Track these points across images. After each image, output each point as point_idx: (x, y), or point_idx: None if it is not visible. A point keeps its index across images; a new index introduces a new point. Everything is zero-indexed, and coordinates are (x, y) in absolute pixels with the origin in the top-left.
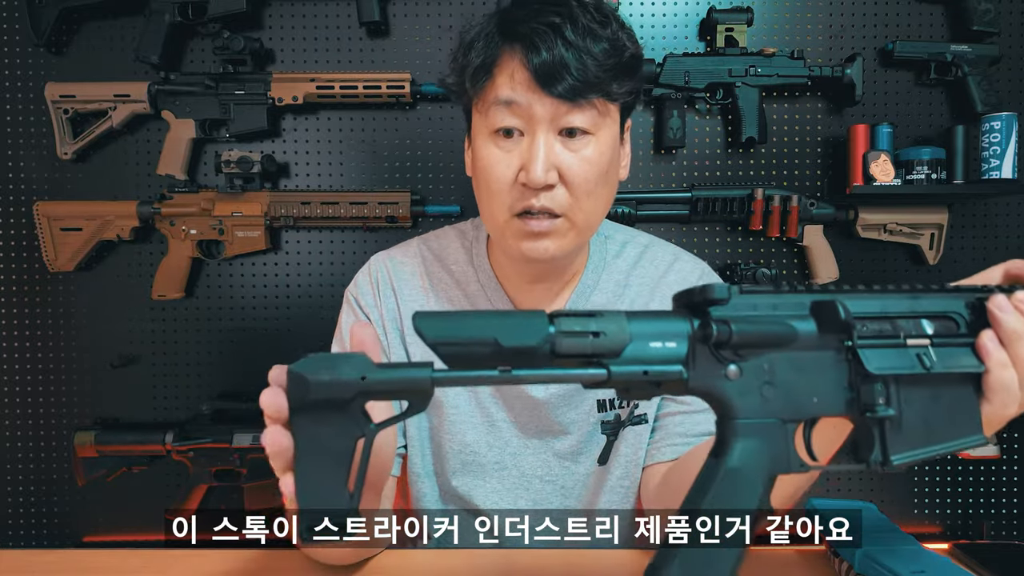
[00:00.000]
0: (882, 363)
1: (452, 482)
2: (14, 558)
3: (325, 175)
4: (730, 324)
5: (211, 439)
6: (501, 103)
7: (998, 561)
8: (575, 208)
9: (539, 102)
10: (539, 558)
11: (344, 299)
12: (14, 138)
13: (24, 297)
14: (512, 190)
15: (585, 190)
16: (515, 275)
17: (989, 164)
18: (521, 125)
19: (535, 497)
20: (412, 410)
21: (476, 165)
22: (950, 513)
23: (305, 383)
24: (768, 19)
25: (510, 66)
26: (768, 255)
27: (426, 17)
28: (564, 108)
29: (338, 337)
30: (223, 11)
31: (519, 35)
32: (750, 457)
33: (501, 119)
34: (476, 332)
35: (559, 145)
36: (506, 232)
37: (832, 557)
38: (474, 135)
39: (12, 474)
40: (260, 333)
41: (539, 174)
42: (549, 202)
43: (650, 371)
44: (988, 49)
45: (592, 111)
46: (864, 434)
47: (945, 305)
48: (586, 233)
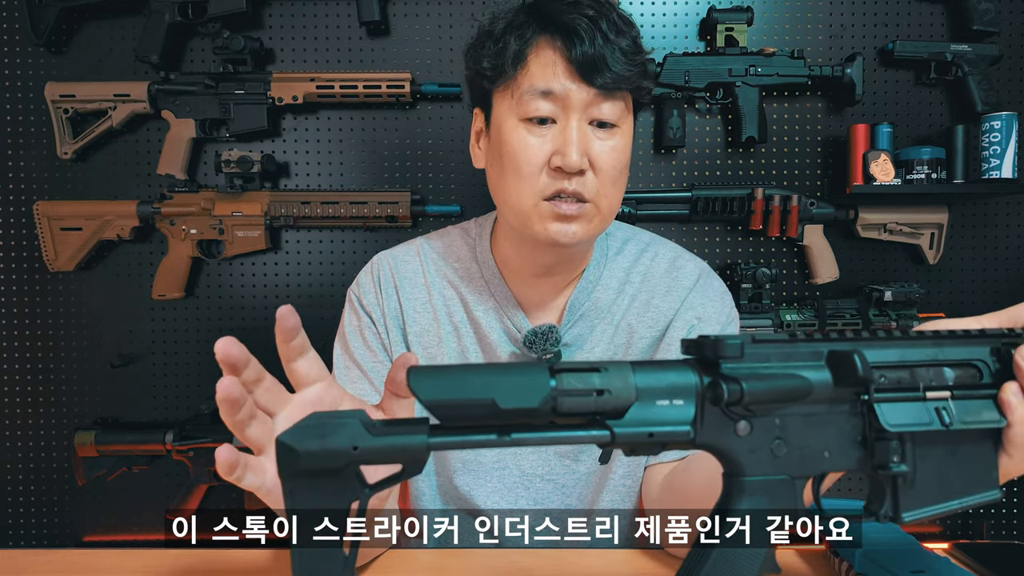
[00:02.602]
0: (899, 419)
1: (453, 481)
2: (14, 558)
3: (325, 175)
4: (742, 384)
5: (211, 439)
6: (537, 91)
7: (998, 561)
8: (601, 194)
9: (577, 92)
10: (539, 558)
11: (347, 299)
12: (14, 138)
13: (24, 297)
14: (543, 174)
15: (611, 177)
16: (523, 269)
17: (989, 164)
18: (555, 113)
19: (535, 496)
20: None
21: (503, 151)
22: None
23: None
24: (768, 19)
25: (547, 55)
26: (768, 255)
27: (426, 17)
28: (598, 99)
29: (341, 337)
30: (223, 11)
31: (558, 26)
32: (757, 518)
33: (536, 107)
34: (473, 393)
35: (591, 133)
36: (533, 216)
37: (832, 557)
38: (498, 122)
39: (12, 474)
40: (260, 333)
41: (575, 158)
42: (580, 187)
43: (656, 433)
44: (988, 49)
45: (620, 104)
46: (876, 489)
47: (969, 353)
48: (608, 220)
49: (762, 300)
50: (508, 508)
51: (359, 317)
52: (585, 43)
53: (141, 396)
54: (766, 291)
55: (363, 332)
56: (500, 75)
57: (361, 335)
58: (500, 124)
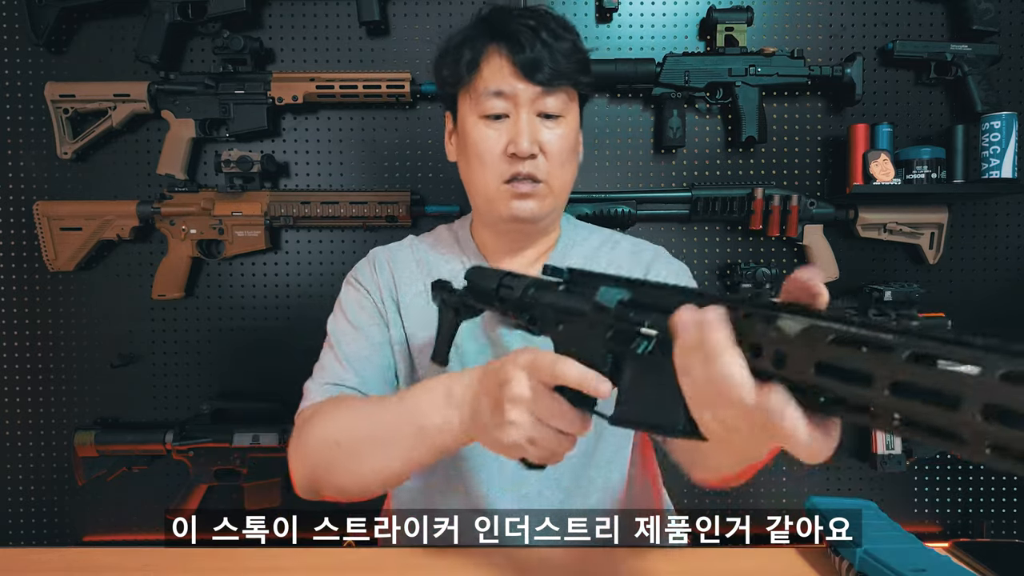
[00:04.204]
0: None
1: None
2: (14, 557)
3: (325, 175)
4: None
5: (211, 439)
6: (491, 92)
7: (998, 559)
8: (552, 175)
9: (523, 90)
10: (539, 558)
11: (344, 284)
12: (14, 138)
13: (24, 297)
14: (501, 161)
15: (560, 160)
16: (499, 248)
17: (989, 164)
18: (508, 109)
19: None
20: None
21: (468, 144)
22: (950, 512)
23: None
24: (768, 19)
25: (496, 61)
26: (768, 255)
27: (426, 17)
28: (543, 95)
29: (336, 313)
30: (223, 11)
31: (504, 35)
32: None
33: (491, 106)
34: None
35: (539, 124)
36: (496, 198)
37: (833, 556)
38: (463, 121)
39: (12, 474)
40: (260, 333)
41: (526, 144)
42: (533, 169)
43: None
44: (988, 49)
45: (563, 97)
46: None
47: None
48: (560, 198)
49: None
50: (500, 488)
51: (356, 290)
52: (526, 48)
53: (141, 396)
54: (766, 291)
55: (360, 301)
56: (459, 81)
57: (358, 304)
58: (464, 122)
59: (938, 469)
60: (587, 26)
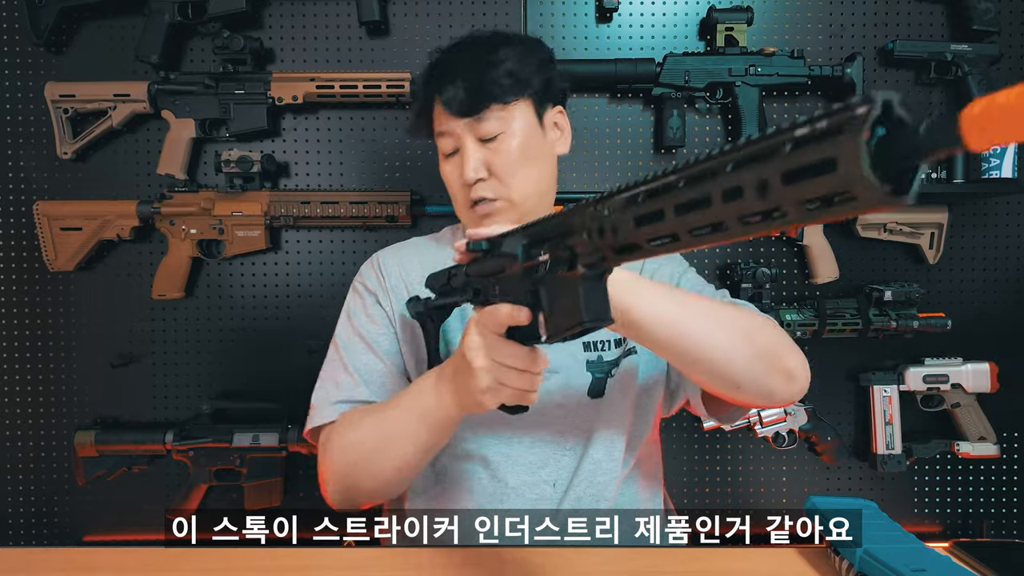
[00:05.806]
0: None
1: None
2: (14, 557)
3: (325, 175)
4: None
5: (211, 439)
6: (439, 134)
7: (998, 559)
8: (506, 190)
9: (457, 126)
10: (539, 558)
11: (350, 290)
12: (14, 138)
13: (24, 297)
14: (462, 190)
15: (508, 173)
16: None
17: (989, 164)
18: (456, 144)
19: (528, 426)
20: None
21: (442, 176)
22: (950, 512)
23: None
24: (768, 18)
25: (438, 107)
26: (768, 255)
27: (426, 17)
28: (475, 123)
29: (344, 320)
30: (223, 11)
31: (439, 81)
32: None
33: (444, 145)
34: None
35: (483, 149)
36: (469, 221)
37: (833, 556)
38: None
39: (12, 474)
40: (260, 333)
41: (469, 174)
42: (484, 192)
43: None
44: (988, 48)
45: (498, 115)
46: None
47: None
48: (527, 202)
49: (762, 300)
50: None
51: (363, 297)
52: (448, 88)
53: (141, 396)
54: (766, 291)
55: (367, 309)
56: (420, 129)
57: (365, 312)
58: (439, 157)
59: (938, 469)
60: (587, 26)
